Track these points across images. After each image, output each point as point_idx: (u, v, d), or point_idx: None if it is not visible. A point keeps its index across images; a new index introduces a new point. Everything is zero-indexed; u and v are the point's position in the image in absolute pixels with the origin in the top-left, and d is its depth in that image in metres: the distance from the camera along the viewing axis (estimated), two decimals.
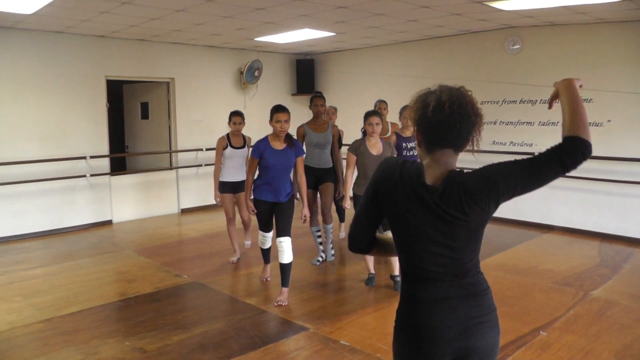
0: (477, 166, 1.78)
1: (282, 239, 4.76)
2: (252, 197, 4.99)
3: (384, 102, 6.84)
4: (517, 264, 5.90)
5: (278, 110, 4.69)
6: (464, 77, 8.18)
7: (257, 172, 4.93)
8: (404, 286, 1.87)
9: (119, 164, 9.91)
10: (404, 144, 5.58)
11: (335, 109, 7.45)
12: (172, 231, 7.86)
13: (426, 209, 1.74)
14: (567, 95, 1.75)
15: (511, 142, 7.86)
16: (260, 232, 5.11)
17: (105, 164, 8.36)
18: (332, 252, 6.22)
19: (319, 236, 6.07)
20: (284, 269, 4.80)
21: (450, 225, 1.74)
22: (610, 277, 5.47)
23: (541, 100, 7.43)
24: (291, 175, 5.00)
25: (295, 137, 5.21)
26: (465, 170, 1.77)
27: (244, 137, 6.05)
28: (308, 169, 5.74)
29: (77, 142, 7.96)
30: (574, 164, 1.66)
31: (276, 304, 4.77)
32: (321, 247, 6.09)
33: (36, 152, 7.52)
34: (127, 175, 8.91)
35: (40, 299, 5.04)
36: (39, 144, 7.57)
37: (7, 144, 7.28)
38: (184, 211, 9.26)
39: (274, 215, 4.91)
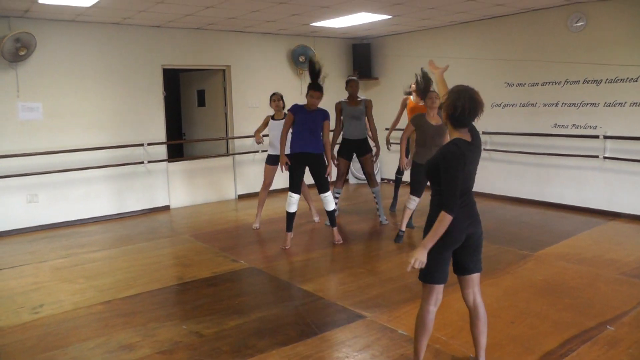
0: None
1: (325, 194, 6.03)
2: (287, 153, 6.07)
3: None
4: (580, 253, 5.63)
5: (313, 88, 5.81)
6: (523, 57, 7.87)
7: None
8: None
9: (176, 151, 10.11)
10: None
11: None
12: (228, 217, 7.95)
13: (474, 155, 2.97)
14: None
15: (574, 125, 7.48)
16: (290, 194, 5.98)
17: (162, 150, 8.53)
18: (385, 217, 7.13)
19: (337, 197, 7.07)
20: (331, 214, 6.17)
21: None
22: None
23: (607, 79, 7.02)
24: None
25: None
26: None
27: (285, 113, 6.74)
28: (346, 141, 6.95)
29: (135, 130, 8.16)
30: None
31: (336, 242, 6.16)
32: (337, 203, 7.08)
33: (96, 139, 7.77)
34: (184, 161, 9.07)
35: (101, 281, 5.21)
36: (99, 132, 7.81)
37: (69, 132, 7.54)
38: (241, 197, 9.36)
39: (311, 173, 5.98)
